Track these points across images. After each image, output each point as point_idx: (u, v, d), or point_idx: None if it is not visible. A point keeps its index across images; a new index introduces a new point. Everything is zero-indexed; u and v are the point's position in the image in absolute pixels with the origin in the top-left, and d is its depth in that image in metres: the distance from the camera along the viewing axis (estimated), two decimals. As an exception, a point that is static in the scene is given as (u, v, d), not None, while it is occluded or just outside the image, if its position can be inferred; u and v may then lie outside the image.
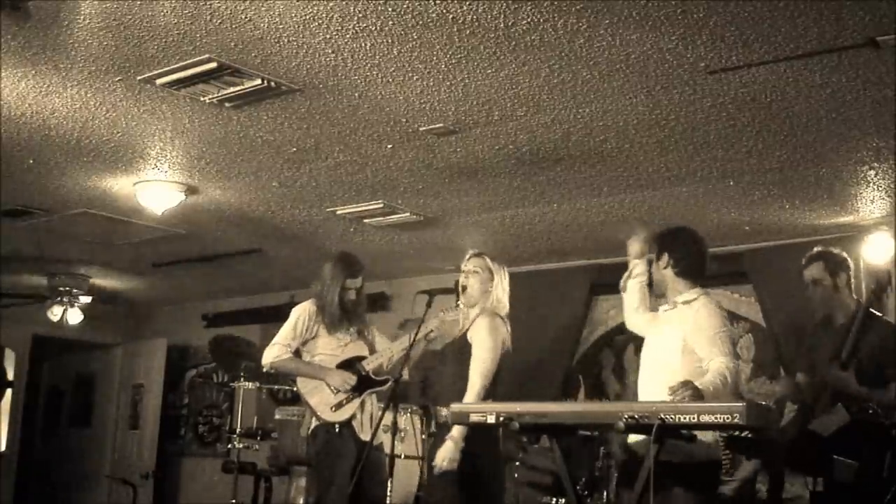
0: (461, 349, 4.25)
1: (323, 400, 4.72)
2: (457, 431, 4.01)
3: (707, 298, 3.70)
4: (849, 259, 4.46)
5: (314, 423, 4.80)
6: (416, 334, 4.49)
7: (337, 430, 4.69)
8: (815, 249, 4.48)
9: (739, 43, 3.36)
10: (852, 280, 4.40)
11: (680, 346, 3.59)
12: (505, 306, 4.35)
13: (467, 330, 4.28)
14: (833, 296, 4.33)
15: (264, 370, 4.89)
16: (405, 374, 4.72)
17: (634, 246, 3.93)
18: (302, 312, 4.83)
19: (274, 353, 4.75)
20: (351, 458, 4.60)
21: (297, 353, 4.84)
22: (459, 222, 6.11)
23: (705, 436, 3.40)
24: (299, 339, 4.79)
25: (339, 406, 4.71)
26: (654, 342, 3.77)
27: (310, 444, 4.93)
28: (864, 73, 3.56)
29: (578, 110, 4.09)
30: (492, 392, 4.14)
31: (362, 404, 4.76)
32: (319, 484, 4.85)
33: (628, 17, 3.22)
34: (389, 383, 4.78)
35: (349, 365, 4.79)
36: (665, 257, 3.74)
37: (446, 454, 4.02)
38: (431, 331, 4.62)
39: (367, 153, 4.81)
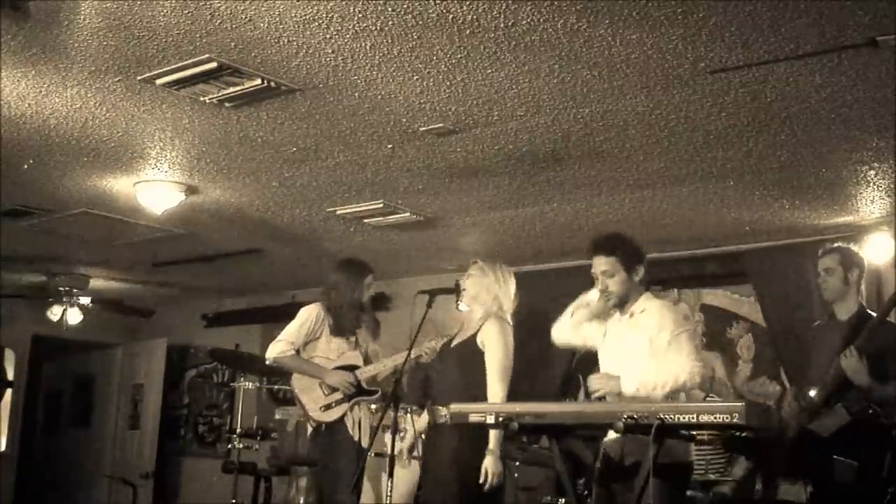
0: (470, 352, 4.25)
1: (313, 398, 4.83)
2: (493, 443, 4.03)
3: (661, 301, 3.88)
4: (864, 259, 4.51)
5: (309, 425, 4.92)
6: (409, 352, 4.55)
7: (323, 429, 4.80)
8: (835, 243, 4.57)
9: (739, 43, 3.36)
10: (863, 281, 4.44)
11: (648, 350, 3.67)
12: (510, 309, 4.37)
13: (475, 333, 4.28)
14: (841, 288, 4.39)
15: (266, 363, 5.00)
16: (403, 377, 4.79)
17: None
18: (310, 314, 4.96)
19: (278, 349, 4.87)
20: (349, 456, 4.69)
21: (298, 353, 4.95)
22: (459, 222, 6.11)
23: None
24: (304, 339, 4.90)
25: (328, 407, 4.81)
26: (618, 348, 3.81)
27: (310, 446, 5.04)
28: (864, 73, 3.56)
29: (578, 110, 4.09)
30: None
31: (350, 410, 4.86)
32: (319, 482, 4.94)
33: (628, 17, 3.22)
34: (378, 395, 4.91)
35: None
36: (641, 270, 3.81)
37: (493, 469, 4.03)
38: (421, 355, 4.72)
39: (367, 153, 4.81)
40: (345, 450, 4.80)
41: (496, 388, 4.14)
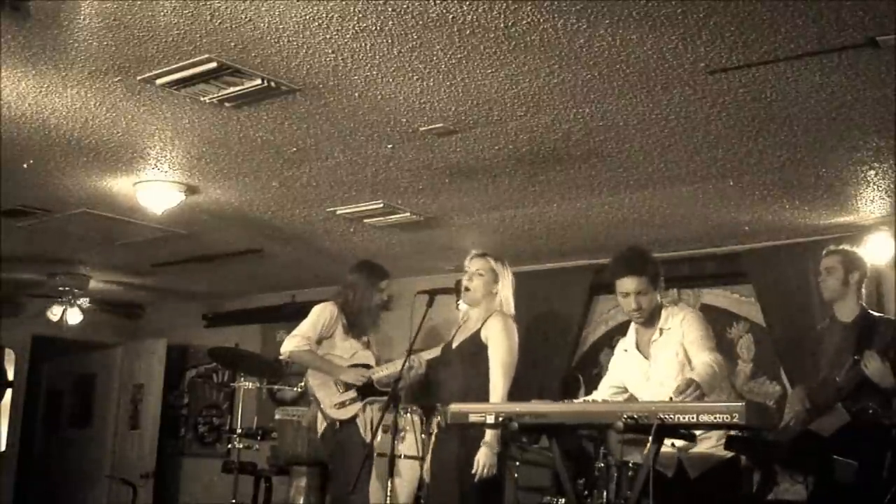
0: (475, 350, 4.24)
1: (328, 396, 4.83)
2: (490, 436, 4.02)
3: (686, 308, 3.92)
4: (867, 262, 4.53)
5: (321, 421, 4.92)
6: (409, 353, 4.56)
7: (338, 426, 4.79)
8: (840, 245, 4.60)
9: (739, 43, 3.36)
10: (864, 284, 4.46)
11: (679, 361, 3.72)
12: (511, 306, 4.36)
13: (479, 330, 4.27)
14: (840, 289, 4.42)
15: (281, 358, 5.01)
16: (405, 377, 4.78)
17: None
18: (324, 310, 4.97)
19: (294, 344, 4.87)
20: (358, 456, 4.68)
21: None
22: (459, 222, 6.11)
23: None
24: (319, 336, 4.92)
25: (342, 405, 4.81)
26: (655, 367, 3.82)
27: (322, 444, 5.06)
28: (864, 73, 3.56)
29: (578, 110, 4.09)
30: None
31: (363, 409, 4.86)
32: (331, 482, 4.97)
33: (628, 17, 3.22)
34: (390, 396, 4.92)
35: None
36: (661, 283, 3.86)
37: (485, 461, 4.02)
38: (415, 364, 4.72)
39: (367, 153, 4.81)
40: (353, 450, 4.80)
41: (498, 384, 4.13)
